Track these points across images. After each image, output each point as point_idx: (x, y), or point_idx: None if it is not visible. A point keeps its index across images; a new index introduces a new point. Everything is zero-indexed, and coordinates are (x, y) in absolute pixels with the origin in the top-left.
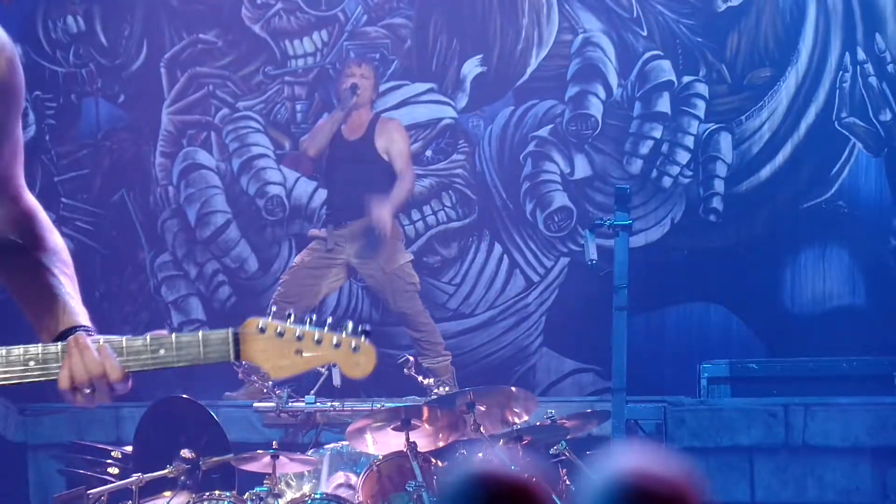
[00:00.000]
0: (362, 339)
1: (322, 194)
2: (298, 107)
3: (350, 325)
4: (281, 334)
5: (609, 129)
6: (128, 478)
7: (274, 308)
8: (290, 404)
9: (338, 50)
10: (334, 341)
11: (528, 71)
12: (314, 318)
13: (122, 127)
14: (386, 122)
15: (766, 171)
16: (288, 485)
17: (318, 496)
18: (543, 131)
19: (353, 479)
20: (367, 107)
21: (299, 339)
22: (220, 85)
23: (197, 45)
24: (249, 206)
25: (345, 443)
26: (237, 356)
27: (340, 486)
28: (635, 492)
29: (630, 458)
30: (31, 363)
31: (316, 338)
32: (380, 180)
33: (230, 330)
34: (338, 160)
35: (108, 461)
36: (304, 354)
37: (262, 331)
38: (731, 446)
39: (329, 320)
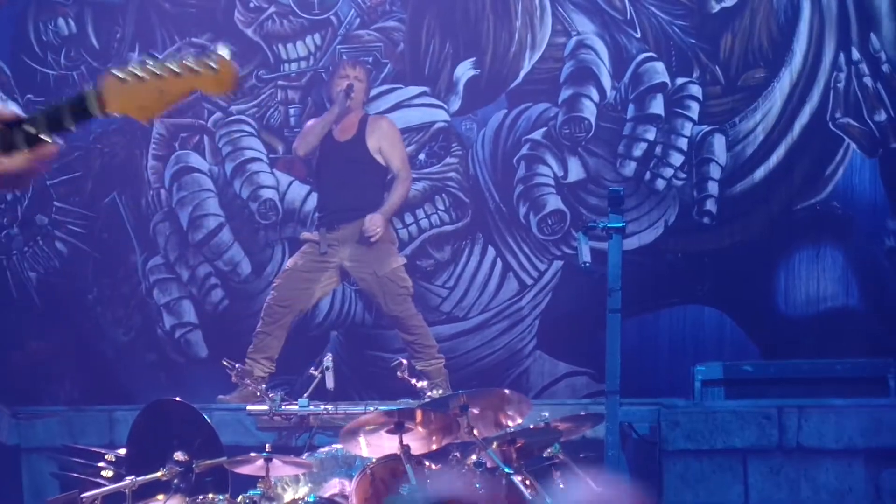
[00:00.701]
0: (215, 54)
1: (315, 198)
2: (292, 110)
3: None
4: (140, 76)
5: (602, 131)
6: (121, 481)
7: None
8: (283, 407)
9: (331, 54)
10: (191, 67)
11: (522, 74)
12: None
13: (113, 130)
14: (377, 121)
15: (760, 173)
16: (283, 488)
17: (311, 500)
18: (537, 134)
19: (348, 486)
20: (359, 109)
21: (157, 75)
22: None
23: (189, 49)
24: (242, 209)
25: (338, 446)
26: (102, 109)
27: (335, 495)
28: None
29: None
30: None
31: (174, 70)
32: (372, 182)
33: (90, 88)
34: (329, 162)
35: (102, 464)
36: (165, 91)
37: (122, 80)
38: (725, 448)
39: None
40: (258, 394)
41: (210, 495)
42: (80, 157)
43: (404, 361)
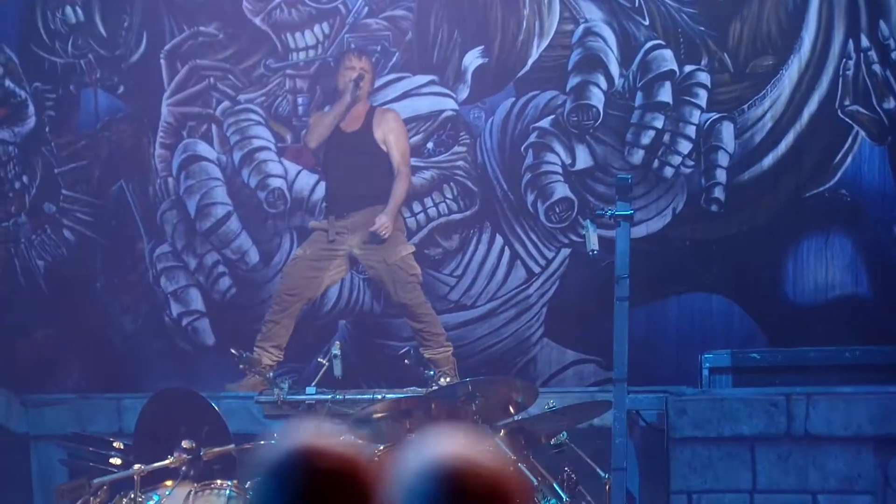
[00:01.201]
0: None
1: (323, 187)
2: (300, 100)
3: None
4: None
5: (610, 119)
6: (129, 468)
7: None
8: (291, 396)
9: (339, 42)
10: None
11: (530, 62)
12: None
13: (121, 118)
14: (384, 113)
15: (768, 161)
16: None
17: None
18: (545, 122)
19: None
20: (365, 99)
21: None
22: (221, 77)
23: (197, 38)
24: (250, 198)
25: (346, 434)
26: None
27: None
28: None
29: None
30: None
31: None
32: (379, 172)
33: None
34: (336, 152)
35: (110, 452)
36: None
37: None
38: (733, 436)
39: None
40: (266, 382)
41: (218, 482)
42: (88, 145)
43: (412, 350)
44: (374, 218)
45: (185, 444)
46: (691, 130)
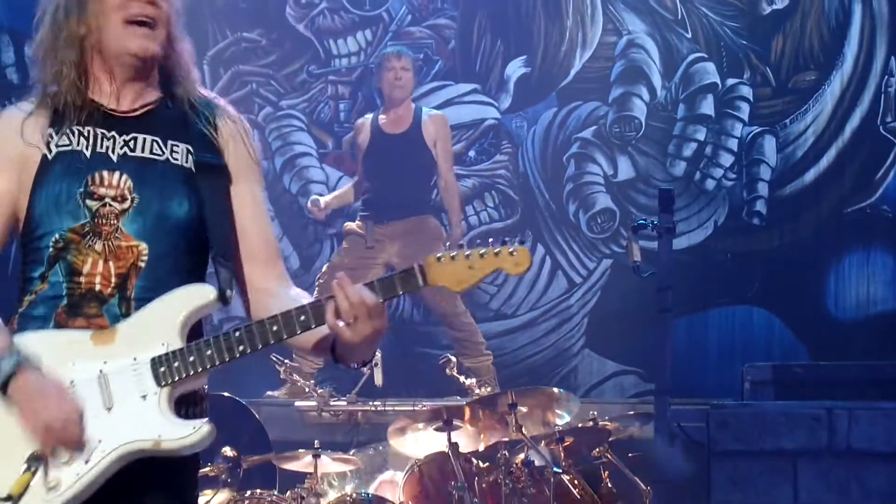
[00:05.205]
0: (515, 244)
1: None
2: (342, 106)
3: (505, 241)
4: (454, 258)
5: (652, 130)
6: None
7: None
8: (331, 403)
9: (381, 49)
10: (495, 251)
11: (572, 72)
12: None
13: None
14: (435, 116)
15: (810, 175)
16: (330, 484)
17: (362, 494)
18: (587, 133)
19: (398, 482)
20: (408, 100)
21: (468, 257)
22: (264, 83)
23: (241, 44)
24: (292, 204)
25: (386, 443)
26: (424, 281)
27: (384, 482)
28: None
29: None
30: (302, 318)
31: (480, 253)
32: (424, 178)
33: (415, 263)
34: (378, 154)
35: None
36: (474, 268)
37: (440, 259)
38: (775, 450)
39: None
40: (307, 389)
41: (258, 491)
42: None
43: (452, 358)
44: (417, 228)
45: (225, 451)
46: (733, 143)
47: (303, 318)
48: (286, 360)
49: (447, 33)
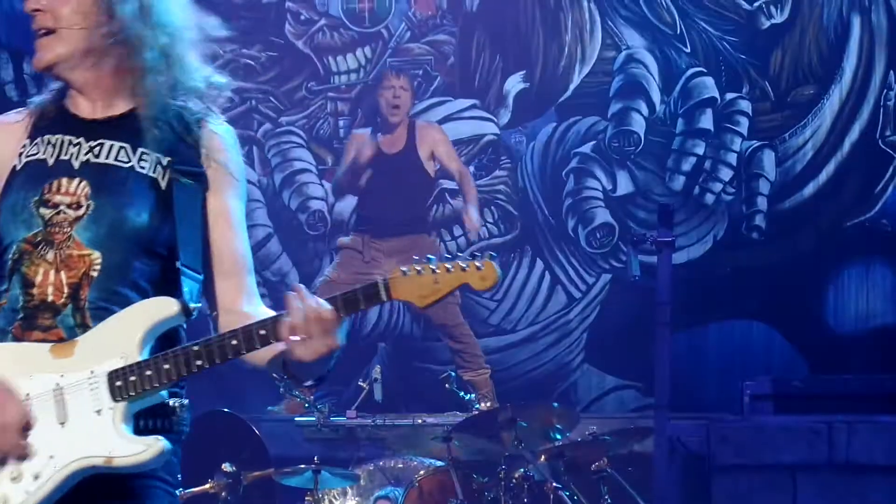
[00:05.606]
0: (485, 258)
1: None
2: (341, 122)
3: (471, 256)
4: (420, 272)
5: (651, 145)
6: None
7: None
8: (331, 419)
9: (381, 66)
10: (462, 266)
11: (571, 87)
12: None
13: None
14: (426, 128)
15: (809, 189)
16: (331, 501)
17: None
18: (586, 148)
19: (398, 492)
20: (405, 119)
21: (434, 272)
22: (263, 100)
23: (240, 60)
24: (291, 220)
25: (386, 458)
26: (388, 296)
27: (384, 498)
28: None
29: None
30: (262, 332)
31: (447, 267)
32: (421, 197)
33: (380, 278)
34: (377, 173)
35: None
36: (439, 282)
37: (405, 273)
38: (775, 464)
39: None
40: (306, 405)
41: None
42: None
43: (453, 374)
44: (413, 246)
45: (224, 467)
46: (732, 158)
47: (262, 332)
48: (286, 376)
49: (446, 49)
